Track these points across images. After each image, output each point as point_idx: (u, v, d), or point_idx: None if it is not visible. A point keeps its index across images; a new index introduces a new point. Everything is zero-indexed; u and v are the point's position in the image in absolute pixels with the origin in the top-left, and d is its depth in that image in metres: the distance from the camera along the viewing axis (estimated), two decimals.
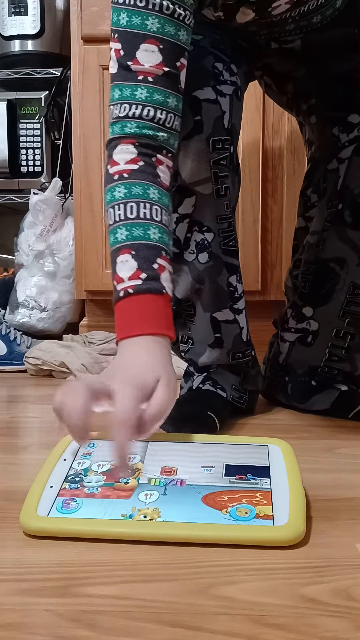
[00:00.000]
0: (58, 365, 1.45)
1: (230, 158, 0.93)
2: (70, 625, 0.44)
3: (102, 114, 1.66)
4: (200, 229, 0.95)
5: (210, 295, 0.97)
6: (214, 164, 0.91)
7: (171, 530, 0.56)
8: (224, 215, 0.95)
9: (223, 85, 0.91)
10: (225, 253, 0.96)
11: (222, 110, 0.91)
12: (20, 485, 0.70)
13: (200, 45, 0.91)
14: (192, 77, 0.86)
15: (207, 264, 0.96)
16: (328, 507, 0.65)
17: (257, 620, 0.44)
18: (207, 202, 0.94)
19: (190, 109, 0.88)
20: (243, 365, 1.03)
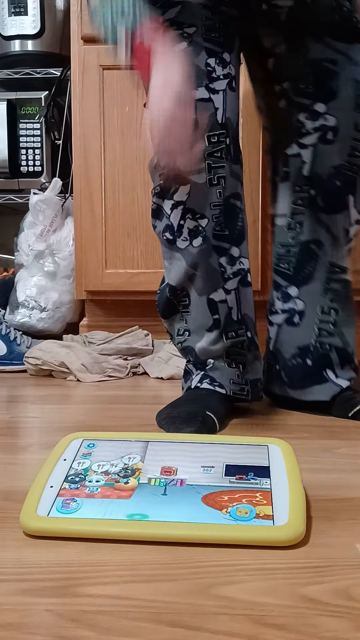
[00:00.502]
0: (58, 365, 1.45)
1: (226, 149, 0.99)
2: (70, 625, 0.44)
3: (102, 114, 1.66)
4: (193, 216, 1.01)
5: (205, 277, 1.02)
6: (209, 156, 0.98)
7: (171, 530, 0.57)
8: (216, 202, 1.00)
9: (216, 82, 0.98)
10: (215, 237, 1.01)
11: (216, 107, 0.98)
12: (20, 485, 0.70)
13: (193, 41, 0.97)
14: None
15: (200, 247, 1.01)
16: (328, 507, 0.65)
17: (257, 620, 0.44)
18: (201, 190, 1.00)
19: None
20: (239, 349, 1.04)
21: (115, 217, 1.69)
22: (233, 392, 1.03)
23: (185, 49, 0.96)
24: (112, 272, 1.69)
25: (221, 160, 0.99)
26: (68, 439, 0.73)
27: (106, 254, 1.70)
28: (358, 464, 0.80)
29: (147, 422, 1.04)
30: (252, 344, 1.06)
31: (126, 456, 0.69)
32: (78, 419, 1.08)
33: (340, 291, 1.07)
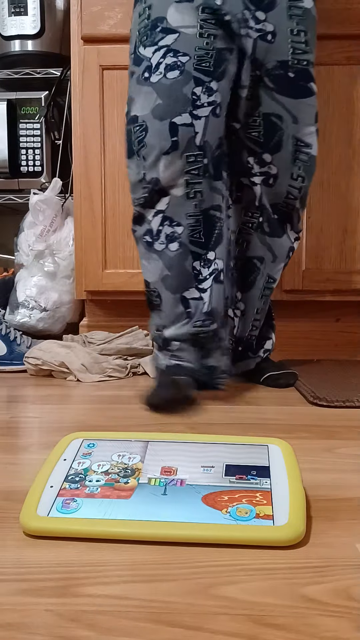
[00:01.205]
0: (58, 365, 1.45)
1: (204, 168, 1.16)
2: (70, 625, 0.44)
3: (102, 114, 1.66)
4: (170, 224, 1.18)
5: (180, 278, 1.19)
6: (186, 173, 1.15)
7: (171, 530, 0.56)
8: (192, 213, 1.17)
9: (199, 109, 1.14)
10: (191, 243, 1.18)
11: (195, 131, 1.14)
12: (20, 485, 0.70)
13: (185, 70, 1.13)
14: (173, 105, 1.13)
15: (177, 251, 1.18)
16: (328, 507, 0.65)
17: (257, 620, 0.44)
18: (179, 202, 1.17)
19: (170, 131, 1.13)
20: (201, 337, 1.20)
21: (115, 217, 1.69)
22: (194, 372, 1.20)
23: (177, 77, 1.13)
24: (112, 272, 1.69)
25: (198, 178, 1.16)
26: (68, 439, 0.73)
27: (106, 254, 1.70)
28: (358, 464, 0.80)
29: (147, 422, 1.04)
30: (216, 336, 1.21)
31: (126, 456, 0.69)
32: (78, 419, 1.08)
33: (267, 295, 1.35)
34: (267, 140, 1.24)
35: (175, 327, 1.20)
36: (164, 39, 1.15)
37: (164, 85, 1.14)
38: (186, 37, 1.14)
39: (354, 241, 1.67)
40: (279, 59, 1.19)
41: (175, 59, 1.14)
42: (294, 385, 1.35)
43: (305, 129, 1.24)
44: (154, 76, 1.15)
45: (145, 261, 1.22)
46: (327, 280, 1.67)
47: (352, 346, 1.77)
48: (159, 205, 1.18)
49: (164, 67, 1.14)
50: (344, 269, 1.68)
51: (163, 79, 1.14)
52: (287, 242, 1.33)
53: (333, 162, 1.64)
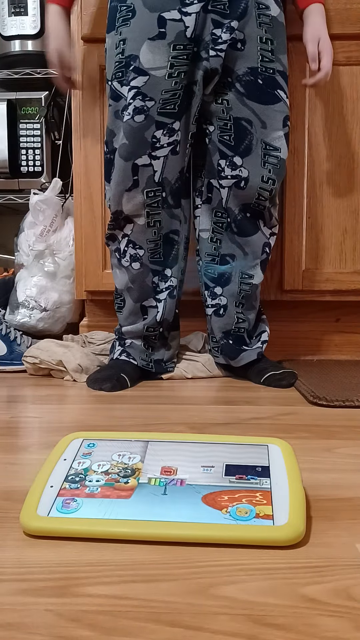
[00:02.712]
0: (56, 364, 1.45)
1: (162, 200, 1.34)
2: (70, 625, 0.44)
3: (102, 114, 1.66)
4: (134, 246, 1.37)
5: (140, 291, 1.40)
6: (147, 206, 1.33)
7: (171, 530, 0.57)
8: (152, 238, 1.36)
9: (159, 150, 1.28)
10: (151, 262, 1.38)
11: (154, 170, 1.30)
12: (20, 485, 0.70)
13: (149, 115, 1.26)
14: (136, 147, 1.27)
15: (138, 270, 1.39)
16: (328, 507, 0.65)
17: (257, 620, 0.44)
18: (140, 229, 1.36)
19: (132, 171, 1.29)
20: (151, 338, 1.42)
21: None
22: (141, 365, 1.42)
23: (142, 121, 1.25)
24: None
25: (157, 209, 1.34)
26: (68, 438, 0.73)
27: (106, 254, 1.70)
28: (358, 464, 0.80)
29: (147, 422, 1.04)
30: (162, 338, 1.43)
31: (126, 456, 0.69)
32: (78, 419, 1.08)
33: (247, 291, 1.41)
34: (237, 143, 1.32)
35: (131, 326, 1.42)
36: (136, 79, 1.25)
37: (131, 127, 1.27)
38: (155, 80, 1.24)
39: (354, 241, 1.67)
40: (249, 65, 1.28)
41: (142, 102, 1.25)
42: (294, 385, 1.35)
43: (274, 134, 1.31)
44: (125, 116, 1.27)
45: (116, 270, 1.42)
46: (327, 280, 1.67)
47: (352, 346, 1.77)
48: (126, 230, 1.37)
49: (133, 109, 1.26)
50: (344, 269, 1.68)
51: (131, 120, 1.26)
52: (261, 239, 1.40)
53: (333, 162, 1.64)
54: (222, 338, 1.44)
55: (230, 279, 1.41)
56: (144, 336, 1.41)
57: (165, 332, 1.43)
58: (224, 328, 1.43)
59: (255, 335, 1.46)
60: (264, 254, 1.41)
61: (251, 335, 1.45)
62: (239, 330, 1.43)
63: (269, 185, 1.34)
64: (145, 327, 1.40)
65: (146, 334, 1.41)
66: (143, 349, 1.42)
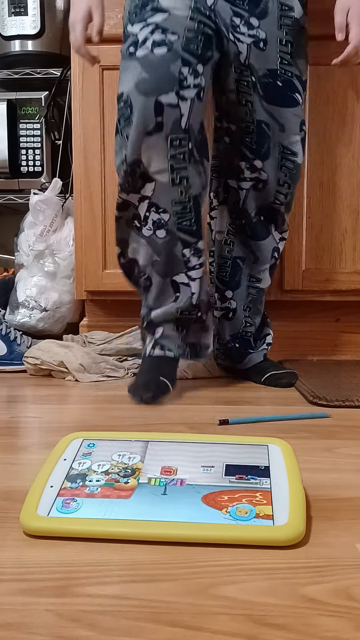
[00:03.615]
0: (57, 365, 1.45)
1: (189, 153, 1.15)
2: (70, 625, 0.44)
3: (102, 114, 1.66)
4: (157, 210, 1.18)
5: (168, 263, 1.22)
6: (171, 158, 1.13)
7: (171, 530, 0.56)
8: (179, 200, 1.17)
9: (186, 90, 1.12)
10: (180, 230, 1.19)
11: (181, 113, 1.12)
12: (20, 485, 0.70)
13: (173, 49, 1.11)
14: (160, 81, 1.10)
15: (164, 239, 1.20)
16: (328, 507, 0.65)
17: (257, 620, 0.44)
18: (164, 188, 1.16)
19: (154, 110, 1.10)
20: (186, 320, 1.26)
21: None
22: (177, 354, 1.27)
23: (164, 54, 1.11)
24: (112, 272, 1.69)
25: (183, 163, 1.14)
26: (68, 439, 0.73)
27: (106, 254, 1.70)
28: (358, 464, 0.80)
29: (147, 422, 1.04)
30: (199, 320, 1.27)
31: (126, 456, 0.69)
32: (78, 419, 1.08)
33: (254, 295, 1.40)
34: (258, 147, 1.28)
35: (162, 309, 1.25)
36: (154, 16, 1.13)
37: (150, 61, 1.11)
38: (176, 17, 1.13)
39: (354, 241, 1.67)
40: (268, 67, 1.22)
41: (163, 36, 1.11)
42: (294, 384, 1.35)
43: (291, 138, 1.28)
44: (139, 50, 1.12)
45: (135, 244, 1.24)
46: (327, 280, 1.67)
47: (352, 346, 1.77)
48: (145, 191, 1.17)
49: (152, 42, 1.11)
50: (344, 269, 1.68)
51: (150, 54, 1.11)
52: (272, 243, 1.37)
53: (333, 162, 1.64)
54: (230, 341, 1.42)
55: (240, 282, 1.39)
56: (177, 321, 1.26)
57: (204, 314, 1.28)
58: (232, 331, 1.41)
59: (260, 338, 1.45)
60: (273, 259, 1.39)
61: (256, 338, 1.44)
62: (246, 334, 1.41)
63: (284, 189, 1.31)
64: (179, 311, 1.24)
65: (180, 317, 1.25)
66: (176, 333, 1.26)
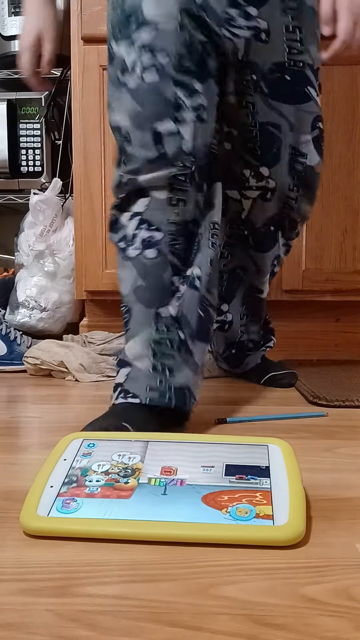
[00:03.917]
0: (57, 365, 1.45)
1: (191, 175, 1.02)
2: (70, 625, 0.44)
3: (102, 114, 1.66)
4: (148, 227, 1.02)
5: (155, 289, 1.01)
6: (173, 177, 1.01)
7: (171, 530, 0.56)
8: (173, 221, 1.01)
9: (184, 112, 1.00)
10: (172, 253, 1.01)
11: (183, 138, 1.00)
12: (20, 485, 0.70)
13: (164, 73, 0.99)
14: (154, 108, 0.99)
15: (154, 260, 1.01)
16: (328, 507, 0.65)
17: (257, 620, 0.44)
18: (160, 206, 1.02)
19: (154, 140, 0.99)
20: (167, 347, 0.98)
21: None
22: (149, 400, 0.94)
23: (155, 81, 0.99)
24: (112, 272, 1.69)
25: (185, 185, 1.02)
26: (68, 439, 0.73)
27: (106, 254, 1.70)
28: (358, 464, 0.80)
29: None
30: (183, 346, 0.99)
31: (126, 456, 0.69)
32: (78, 419, 1.08)
33: (252, 304, 1.35)
34: (264, 152, 1.15)
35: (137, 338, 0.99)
36: (139, 32, 1.00)
37: (143, 90, 1.00)
38: (164, 33, 0.99)
39: (354, 241, 1.67)
40: (274, 60, 1.08)
41: (153, 58, 0.99)
42: (294, 385, 1.35)
43: (301, 138, 1.14)
44: (130, 80, 1.01)
45: (120, 271, 1.05)
46: (327, 280, 1.67)
47: (352, 346, 1.77)
48: (136, 207, 1.03)
49: (140, 68, 1.00)
50: (344, 269, 1.68)
51: (141, 83, 1.00)
52: (275, 252, 1.29)
53: (333, 162, 1.64)
54: (225, 350, 1.40)
55: (234, 293, 1.33)
56: (154, 350, 0.97)
57: (188, 338, 1.00)
58: (227, 341, 1.39)
59: (260, 346, 1.41)
60: (272, 266, 1.32)
61: (257, 345, 1.40)
62: (243, 342, 1.39)
63: (294, 193, 1.19)
64: (157, 328, 0.99)
65: (157, 339, 0.98)
66: (152, 372, 0.96)
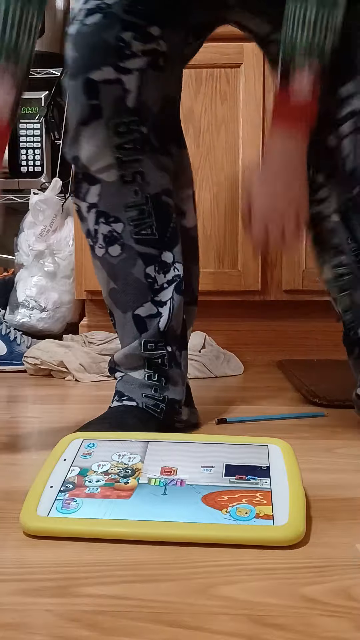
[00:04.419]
0: (57, 365, 1.45)
1: (142, 139, 0.86)
2: (70, 625, 0.44)
3: None
4: (107, 220, 0.89)
5: (127, 291, 0.91)
6: (117, 149, 0.85)
7: (171, 530, 0.56)
8: (132, 202, 0.88)
9: (129, 60, 0.84)
10: (139, 242, 0.89)
11: (126, 90, 0.84)
12: (20, 485, 0.70)
13: (108, 12, 0.83)
14: (88, 55, 0.83)
15: (119, 257, 0.89)
16: (328, 507, 0.65)
17: (257, 620, 0.44)
18: (112, 190, 0.87)
19: (85, 92, 0.83)
20: (158, 362, 0.92)
21: None
22: (145, 405, 0.90)
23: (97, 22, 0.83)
24: None
25: (136, 154, 0.86)
26: (68, 439, 0.73)
27: None
28: (358, 464, 0.80)
29: None
30: (173, 361, 0.93)
31: (126, 456, 0.69)
32: (78, 419, 1.08)
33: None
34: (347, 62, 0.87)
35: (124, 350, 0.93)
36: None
37: (81, 34, 0.84)
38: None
39: None
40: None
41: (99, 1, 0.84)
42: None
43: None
44: (72, 26, 0.86)
45: (95, 271, 0.95)
46: None
47: None
48: (90, 197, 0.89)
49: (84, 13, 0.84)
50: None
51: (80, 26, 0.84)
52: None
53: None
54: None
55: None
56: (148, 361, 0.92)
57: (176, 350, 0.94)
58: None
59: None
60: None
61: None
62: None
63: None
64: (143, 344, 0.91)
65: (147, 356, 0.92)
66: (148, 381, 0.92)
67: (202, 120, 1.66)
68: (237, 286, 1.68)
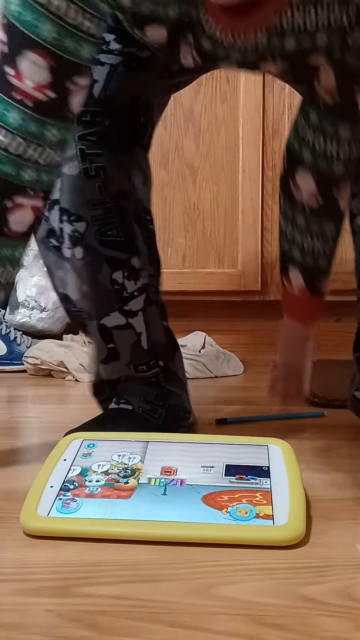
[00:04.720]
0: (57, 365, 1.45)
1: (104, 132, 0.80)
2: (70, 625, 0.44)
3: None
4: (69, 219, 0.82)
5: (93, 298, 0.84)
6: (80, 139, 0.79)
7: (171, 530, 0.56)
8: (97, 199, 0.81)
9: (105, 54, 0.79)
10: (104, 245, 0.82)
11: (94, 79, 0.79)
12: (20, 485, 0.70)
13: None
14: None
15: (84, 260, 0.82)
16: (328, 507, 0.65)
17: (257, 620, 0.44)
18: (75, 185, 0.80)
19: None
20: (155, 380, 0.88)
21: None
22: (142, 410, 0.86)
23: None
24: None
25: (97, 146, 0.80)
26: (68, 439, 0.73)
27: None
28: (357, 464, 0.80)
29: None
30: (169, 373, 0.89)
31: (126, 456, 0.69)
32: (78, 419, 1.08)
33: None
34: None
35: (104, 368, 0.88)
36: None
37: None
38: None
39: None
40: None
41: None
42: None
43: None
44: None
45: (60, 272, 0.86)
46: None
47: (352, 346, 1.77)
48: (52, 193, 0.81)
49: None
50: (344, 269, 1.68)
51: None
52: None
53: None
54: None
55: None
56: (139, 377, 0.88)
57: (171, 361, 0.90)
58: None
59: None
60: None
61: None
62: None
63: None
64: (132, 368, 0.87)
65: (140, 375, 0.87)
66: (148, 388, 0.89)
67: (202, 120, 1.65)
68: (237, 286, 1.68)
